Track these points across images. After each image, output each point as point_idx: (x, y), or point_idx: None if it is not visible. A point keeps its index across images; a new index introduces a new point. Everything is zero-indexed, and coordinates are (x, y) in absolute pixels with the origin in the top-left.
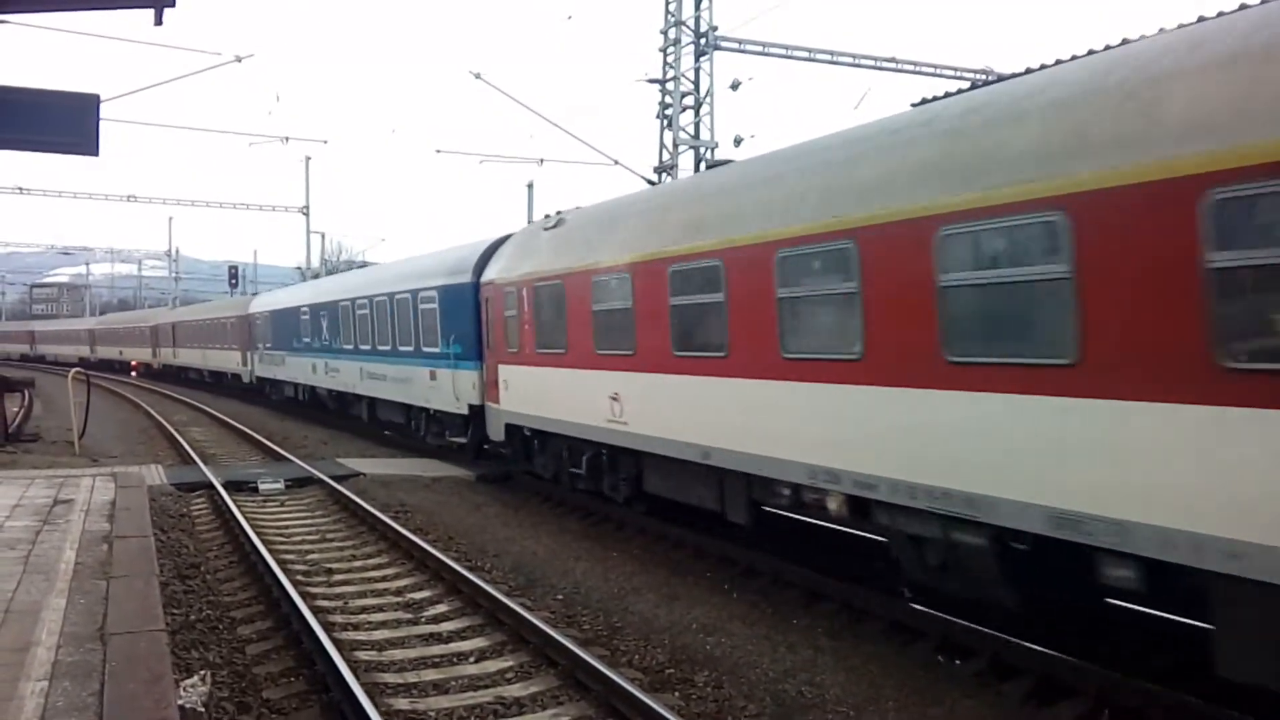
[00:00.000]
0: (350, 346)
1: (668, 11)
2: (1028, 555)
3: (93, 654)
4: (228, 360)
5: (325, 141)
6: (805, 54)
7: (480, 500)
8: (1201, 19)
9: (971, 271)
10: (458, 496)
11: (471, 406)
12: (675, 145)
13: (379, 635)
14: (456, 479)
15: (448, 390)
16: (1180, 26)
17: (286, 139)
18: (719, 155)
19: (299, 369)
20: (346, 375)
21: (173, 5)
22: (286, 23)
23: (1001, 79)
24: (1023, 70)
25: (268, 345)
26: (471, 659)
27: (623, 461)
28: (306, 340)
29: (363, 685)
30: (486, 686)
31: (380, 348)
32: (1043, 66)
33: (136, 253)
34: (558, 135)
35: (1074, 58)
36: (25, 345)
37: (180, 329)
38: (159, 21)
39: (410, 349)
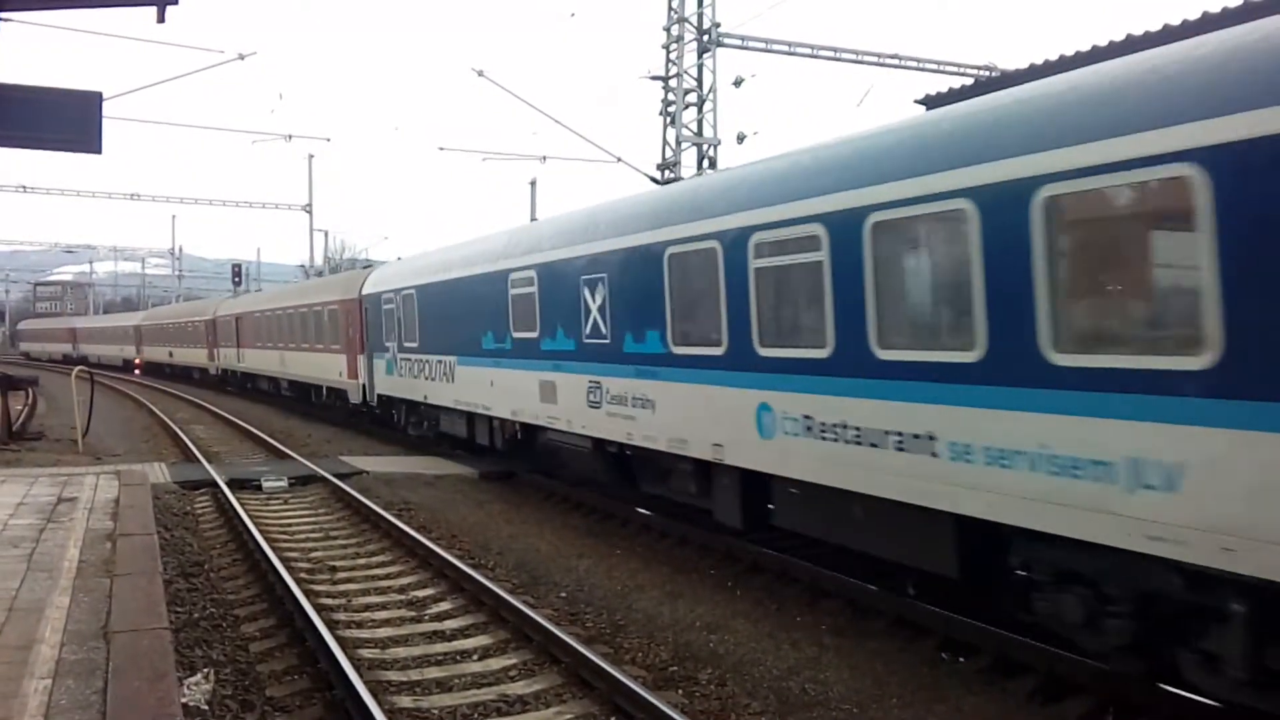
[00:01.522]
0: (693, 349)
1: (670, 8)
2: None
3: (96, 652)
4: (323, 368)
5: (328, 139)
6: (808, 51)
7: (483, 498)
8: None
9: None
10: (461, 494)
11: None
12: (678, 142)
13: (382, 633)
14: (460, 477)
15: None
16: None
17: (289, 137)
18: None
19: (497, 390)
20: (675, 412)
21: (175, 3)
22: (289, 20)
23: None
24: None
25: (409, 345)
26: (475, 657)
27: None
28: (525, 335)
29: (366, 683)
30: (490, 684)
31: (850, 350)
32: None
33: (140, 250)
34: (560, 132)
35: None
36: (67, 345)
37: (246, 323)
38: (161, 19)
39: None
